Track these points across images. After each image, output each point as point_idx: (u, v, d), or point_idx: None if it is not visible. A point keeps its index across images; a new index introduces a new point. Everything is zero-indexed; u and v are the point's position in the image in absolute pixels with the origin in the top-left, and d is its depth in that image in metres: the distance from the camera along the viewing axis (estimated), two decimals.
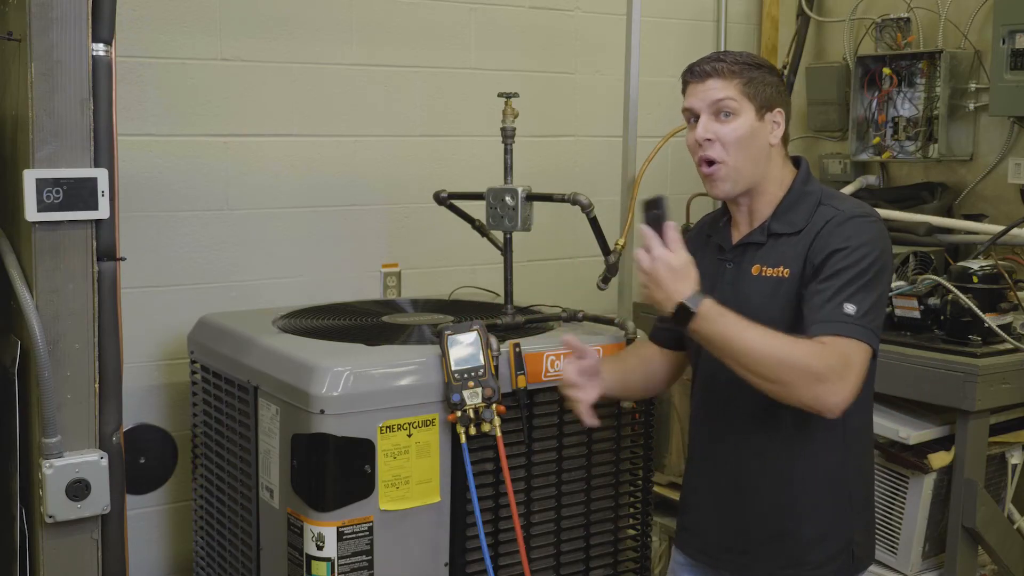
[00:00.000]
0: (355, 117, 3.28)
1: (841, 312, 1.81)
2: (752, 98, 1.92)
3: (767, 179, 1.97)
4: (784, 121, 1.98)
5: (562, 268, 3.71)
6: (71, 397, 2.15)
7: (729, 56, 1.96)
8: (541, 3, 3.59)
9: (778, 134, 1.97)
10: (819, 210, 1.94)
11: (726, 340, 1.80)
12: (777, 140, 1.97)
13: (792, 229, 1.94)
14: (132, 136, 2.90)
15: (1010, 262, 2.98)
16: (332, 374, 2.19)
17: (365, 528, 2.22)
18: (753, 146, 1.93)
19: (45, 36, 2.06)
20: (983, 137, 3.46)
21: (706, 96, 1.93)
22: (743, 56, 1.97)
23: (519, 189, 2.58)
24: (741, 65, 1.93)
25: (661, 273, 1.80)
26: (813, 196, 1.97)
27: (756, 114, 1.93)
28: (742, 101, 1.92)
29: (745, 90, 1.92)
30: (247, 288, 3.15)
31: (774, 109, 1.95)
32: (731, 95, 1.92)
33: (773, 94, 1.95)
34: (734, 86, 1.92)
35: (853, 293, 1.82)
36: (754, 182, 1.97)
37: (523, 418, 2.39)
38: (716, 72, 1.93)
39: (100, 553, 2.22)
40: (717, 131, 1.92)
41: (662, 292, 1.81)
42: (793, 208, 1.96)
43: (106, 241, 2.17)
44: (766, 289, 1.93)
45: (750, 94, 1.92)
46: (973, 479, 2.56)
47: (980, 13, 3.41)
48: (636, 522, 2.65)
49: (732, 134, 1.92)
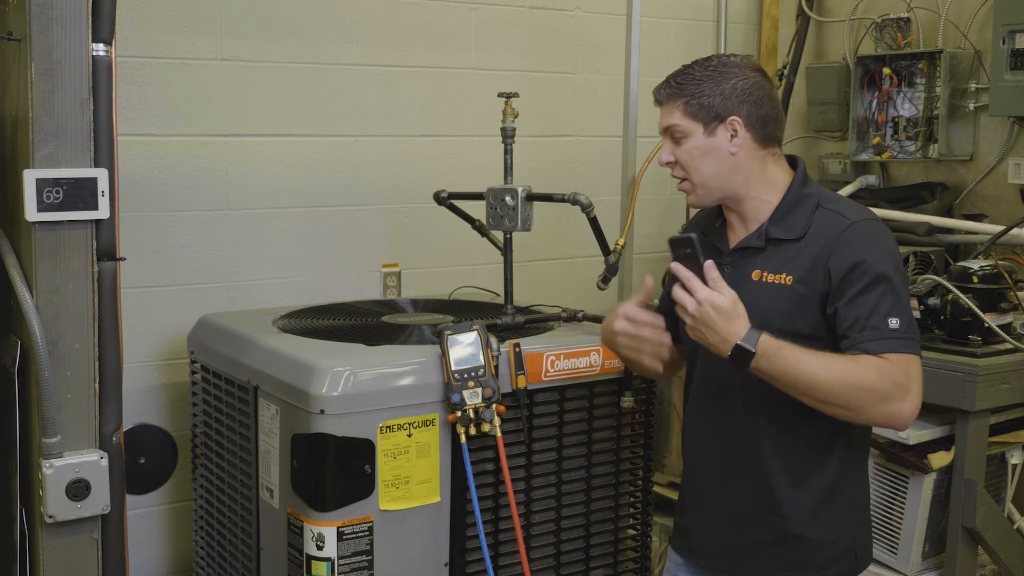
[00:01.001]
0: (355, 117, 3.28)
1: (887, 327, 1.81)
2: (696, 116, 1.92)
3: (749, 184, 1.95)
4: (745, 126, 1.92)
5: (562, 268, 3.71)
6: (71, 397, 2.15)
7: (677, 76, 1.96)
8: (541, 3, 3.60)
9: (739, 141, 1.92)
10: (818, 214, 1.92)
11: (789, 374, 1.80)
12: (740, 147, 1.92)
13: (791, 235, 1.92)
14: (132, 136, 2.90)
15: (1010, 262, 2.97)
16: (332, 374, 2.19)
17: (365, 528, 2.22)
18: (711, 161, 1.93)
19: (45, 36, 2.06)
20: (983, 137, 3.45)
21: (661, 122, 1.98)
22: (692, 71, 1.95)
23: (519, 189, 2.58)
24: (688, 83, 1.93)
25: (711, 316, 1.79)
26: (810, 199, 1.95)
27: (704, 131, 1.92)
28: (687, 122, 1.93)
29: (688, 110, 1.92)
30: (247, 288, 3.15)
31: (726, 119, 1.91)
32: (675, 121, 1.94)
33: (722, 104, 1.91)
34: (678, 109, 1.94)
35: (892, 305, 1.82)
36: (731, 190, 1.96)
37: (523, 418, 2.39)
38: (662, 98, 1.97)
39: (100, 553, 2.21)
40: (675, 153, 1.97)
41: (715, 335, 1.80)
42: (791, 212, 1.94)
43: (106, 241, 2.17)
44: (767, 295, 1.92)
45: (693, 113, 1.92)
46: (973, 479, 2.56)
47: (980, 13, 3.41)
48: (636, 522, 2.65)
49: (685, 155, 1.95)
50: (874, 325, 1.82)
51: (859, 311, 1.83)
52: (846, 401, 1.80)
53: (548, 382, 2.43)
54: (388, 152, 3.35)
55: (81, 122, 2.11)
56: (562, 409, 2.46)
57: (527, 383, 2.38)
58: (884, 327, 1.81)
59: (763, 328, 1.82)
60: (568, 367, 2.45)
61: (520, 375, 2.37)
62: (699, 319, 1.81)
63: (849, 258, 1.85)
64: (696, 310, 1.80)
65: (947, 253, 3.17)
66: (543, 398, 2.44)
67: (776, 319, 1.88)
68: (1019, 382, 2.58)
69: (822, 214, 1.92)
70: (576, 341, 2.50)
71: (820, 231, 1.90)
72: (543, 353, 2.42)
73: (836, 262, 1.86)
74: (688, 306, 1.81)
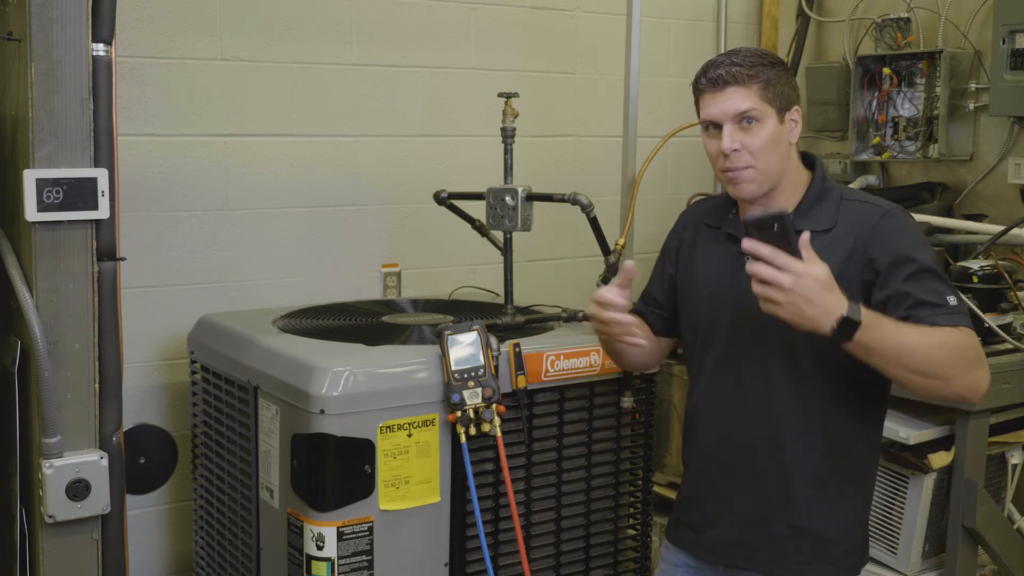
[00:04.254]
0: (355, 117, 3.28)
1: (949, 304, 1.81)
2: (772, 102, 1.89)
3: (789, 175, 1.95)
4: (800, 118, 1.95)
5: (562, 268, 3.71)
6: (71, 397, 2.15)
7: (744, 57, 1.89)
8: (541, 3, 3.60)
9: (796, 132, 1.94)
10: (844, 206, 1.92)
11: (889, 343, 1.74)
12: (796, 138, 1.95)
13: (820, 227, 1.90)
14: (132, 136, 2.90)
15: (1010, 262, 2.98)
16: (332, 374, 2.19)
17: (365, 528, 2.22)
18: (778, 149, 1.91)
19: (45, 36, 2.06)
20: (983, 137, 3.46)
21: (727, 107, 1.87)
22: (758, 55, 1.91)
23: (519, 189, 2.58)
24: (758, 67, 1.89)
25: (813, 289, 1.68)
26: (835, 193, 1.96)
27: (777, 117, 1.90)
28: (764, 107, 1.88)
29: (765, 95, 1.88)
30: (247, 288, 3.15)
31: (792, 108, 1.93)
32: (753, 104, 1.87)
33: (791, 93, 1.92)
34: (755, 92, 1.87)
35: (946, 287, 1.83)
36: (780, 180, 1.95)
37: (523, 418, 2.39)
38: (735, 79, 1.87)
39: (100, 553, 2.21)
40: (743, 140, 1.88)
41: (816, 308, 1.69)
42: (817, 204, 1.94)
43: (106, 241, 2.17)
44: None
45: (770, 98, 1.88)
46: (973, 479, 2.56)
47: (980, 13, 3.41)
48: (636, 522, 2.65)
49: (758, 142, 1.88)
50: (936, 303, 1.81)
51: (919, 295, 1.81)
52: (941, 368, 1.75)
53: (548, 382, 2.43)
54: (388, 152, 3.35)
55: (81, 122, 2.11)
56: (562, 409, 2.46)
57: (527, 383, 2.38)
58: (947, 304, 1.81)
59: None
60: (568, 367, 2.45)
61: (520, 375, 2.37)
62: (799, 293, 1.68)
63: (893, 248, 1.85)
64: (795, 283, 1.68)
65: (947, 253, 3.17)
66: (543, 398, 2.44)
67: None
68: (1019, 382, 2.58)
69: (848, 206, 1.92)
70: (576, 341, 2.50)
71: (851, 222, 1.90)
72: (543, 353, 2.42)
73: (879, 251, 1.85)
74: (784, 281, 1.68)
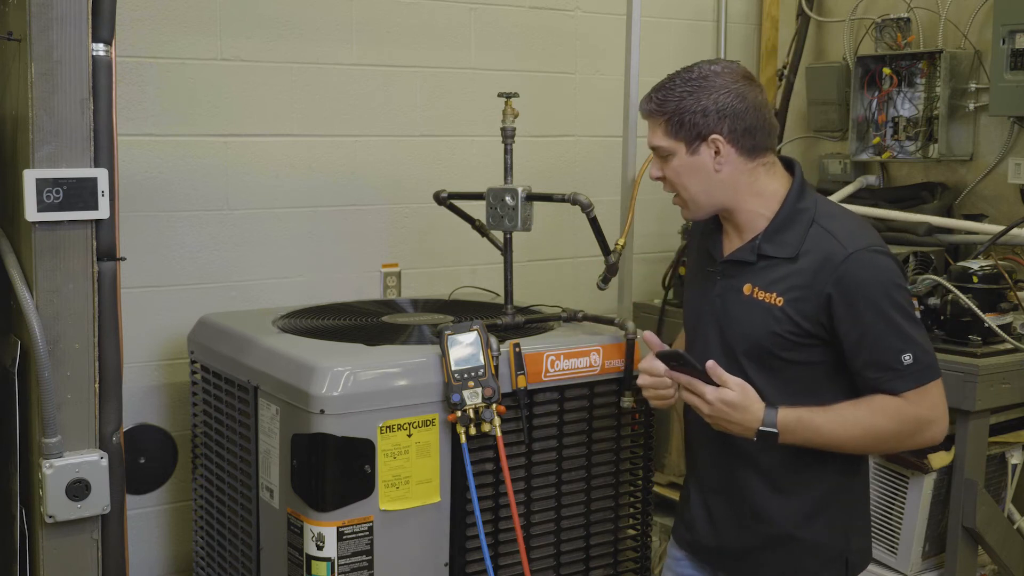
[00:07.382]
0: (355, 117, 3.28)
1: (901, 366, 1.82)
2: (677, 136, 1.91)
3: (739, 198, 1.94)
4: (728, 142, 1.89)
5: (562, 268, 3.71)
6: (71, 397, 2.15)
7: (659, 89, 1.94)
8: (541, 3, 3.60)
9: (723, 159, 1.90)
10: (813, 232, 1.88)
11: (813, 442, 1.87)
12: (725, 164, 1.90)
13: (784, 253, 1.89)
14: (132, 136, 2.90)
15: (1010, 262, 2.98)
16: (332, 374, 2.19)
17: (365, 528, 2.22)
18: (698, 178, 1.93)
19: (45, 36, 2.06)
20: (983, 137, 3.46)
21: (648, 139, 1.98)
22: (673, 84, 1.91)
23: (519, 189, 2.58)
24: (670, 101, 1.91)
25: (726, 412, 1.84)
26: (806, 215, 1.91)
27: (687, 150, 1.92)
28: (669, 142, 1.93)
29: (670, 129, 1.92)
30: (247, 288, 3.15)
31: (708, 138, 1.89)
32: (659, 142, 1.95)
33: (703, 123, 1.88)
34: (660, 129, 1.94)
35: (903, 340, 1.83)
36: (722, 204, 1.96)
37: (523, 418, 2.39)
38: (648, 114, 1.97)
39: (100, 553, 2.21)
40: (662, 169, 1.98)
41: (735, 427, 1.86)
42: (785, 228, 1.91)
43: (106, 241, 2.17)
44: (756, 312, 1.91)
45: (675, 132, 1.91)
46: (973, 479, 2.56)
47: (980, 13, 3.41)
48: (636, 522, 2.65)
49: (672, 173, 1.96)
50: (887, 365, 1.82)
51: (870, 353, 1.83)
52: (873, 448, 1.90)
53: (548, 382, 2.43)
54: (388, 152, 3.35)
55: (81, 122, 2.11)
56: (562, 409, 2.46)
57: (527, 383, 2.38)
58: (898, 366, 1.82)
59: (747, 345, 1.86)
60: (568, 367, 2.45)
61: (520, 375, 2.37)
62: (716, 417, 1.86)
63: (851, 293, 1.83)
64: (711, 410, 1.85)
65: (947, 253, 3.17)
66: (543, 398, 2.44)
67: (763, 338, 1.89)
68: (1019, 382, 2.58)
69: (818, 233, 1.88)
70: (576, 341, 2.50)
71: (816, 254, 1.87)
72: (543, 353, 2.42)
73: (837, 295, 1.84)
74: (702, 409, 1.87)
